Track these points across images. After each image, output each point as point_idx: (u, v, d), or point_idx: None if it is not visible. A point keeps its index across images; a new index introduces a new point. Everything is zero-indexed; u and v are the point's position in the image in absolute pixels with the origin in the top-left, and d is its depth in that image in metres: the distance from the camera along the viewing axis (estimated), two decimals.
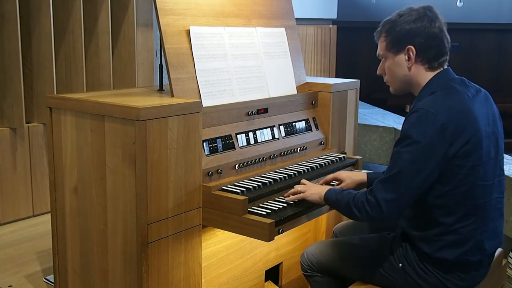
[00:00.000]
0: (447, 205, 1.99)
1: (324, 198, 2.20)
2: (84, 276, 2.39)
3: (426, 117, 1.93)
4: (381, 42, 2.17)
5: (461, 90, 2.03)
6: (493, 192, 2.05)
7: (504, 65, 9.93)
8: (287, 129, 2.78)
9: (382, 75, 2.23)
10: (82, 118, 2.26)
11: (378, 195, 1.97)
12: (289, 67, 2.96)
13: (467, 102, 1.99)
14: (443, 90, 2.02)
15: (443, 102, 1.97)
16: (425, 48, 2.06)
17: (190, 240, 2.30)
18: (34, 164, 3.90)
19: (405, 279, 2.11)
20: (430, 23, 2.05)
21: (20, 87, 3.67)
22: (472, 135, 1.95)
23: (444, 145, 1.92)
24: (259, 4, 2.89)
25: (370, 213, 1.99)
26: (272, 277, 2.87)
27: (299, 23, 3.36)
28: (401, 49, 2.09)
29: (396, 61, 2.12)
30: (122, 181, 2.15)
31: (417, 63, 2.08)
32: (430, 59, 2.07)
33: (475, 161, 1.96)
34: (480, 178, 1.99)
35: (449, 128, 1.91)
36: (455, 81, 2.08)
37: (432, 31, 2.05)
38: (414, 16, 2.07)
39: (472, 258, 2.03)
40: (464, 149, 1.93)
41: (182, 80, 2.40)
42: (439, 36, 2.06)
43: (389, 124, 5.50)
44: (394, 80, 2.17)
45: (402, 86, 2.17)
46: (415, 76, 2.10)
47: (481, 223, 2.02)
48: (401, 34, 2.08)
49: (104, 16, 4.20)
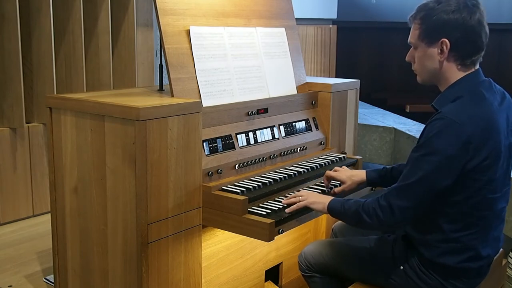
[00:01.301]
0: (453, 213, 1.95)
1: (328, 208, 2.12)
2: (84, 276, 2.39)
3: (452, 128, 1.84)
4: (413, 29, 2.02)
5: (488, 97, 1.93)
6: (499, 203, 2.00)
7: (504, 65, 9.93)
8: (287, 129, 2.78)
9: (410, 62, 2.10)
10: (82, 118, 2.26)
11: (392, 202, 1.92)
12: (289, 67, 2.96)
13: (494, 114, 1.91)
14: (470, 96, 1.92)
15: (470, 112, 1.87)
16: (461, 43, 1.93)
17: (190, 240, 2.30)
18: (34, 164, 3.90)
19: (406, 281, 2.10)
20: (470, 15, 1.90)
21: (20, 87, 3.67)
22: (492, 150, 1.88)
23: (465, 158, 1.85)
24: (259, 4, 2.89)
25: (381, 218, 1.94)
26: (272, 277, 2.87)
27: (299, 23, 3.36)
28: (435, 41, 1.95)
29: (428, 53, 1.99)
30: (122, 181, 2.15)
31: (450, 58, 1.96)
32: (463, 55, 1.95)
33: (490, 175, 1.91)
34: (490, 192, 1.94)
35: (473, 142, 1.84)
36: (483, 85, 1.97)
37: (470, 25, 1.91)
38: (454, 5, 1.92)
39: (472, 265, 2.01)
40: (483, 164, 1.87)
41: (182, 80, 2.40)
42: (477, 30, 1.92)
43: (389, 124, 5.50)
44: (422, 71, 2.05)
45: (430, 78, 2.05)
46: (445, 72, 1.99)
47: (482, 232, 1.99)
48: (437, 24, 1.93)
49: (104, 16, 4.19)
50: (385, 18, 8.04)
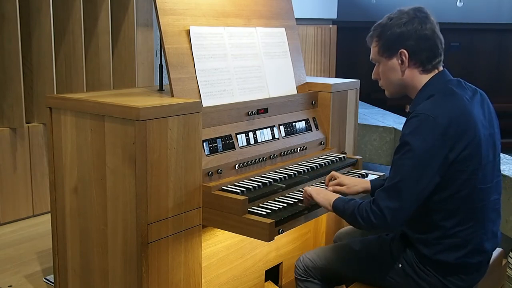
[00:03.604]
0: (447, 209, 1.98)
1: (333, 206, 2.16)
2: (84, 276, 2.39)
3: (427, 122, 1.90)
4: (373, 47, 2.14)
5: (459, 92, 2.01)
6: (491, 194, 2.04)
7: (504, 65, 9.93)
8: (287, 129, 2.78)
9: (377, 80, 2.20)
10: (82, 118, 2.26)
11: (381, 204, 1.94)
12: (289, 67, 2.96)
13: (467, 106, 1.97)
14: (441, 93, 2.00)
15: (443, 106, 1.95)
16: (418, 50, 2.03)
17: (190, 240, 2.30)
18: (34, 164, 3.90)
19: (405, 280, 2.10)
20: (421, 25, 2.02)
21: (20, 87, 3.67)
22: (472, 139, 1.93)
23: (444, 149, 1.90)
24: (259, 4, 2.89)
25: (374, 222, 1.96)
26: (272, 277, 2.87)
27: (299, 23, 3.36)
28: (394, 53, 2.06)
29: (389, 65, 2.09)
30: (122, 181, 2.15)
31: (411, 66, 2.06)
32: (423, 61, 2.04)
33: (475, 165, 1.95)
34: (480, 182, 1.97)
35: (450, 133, 1.89)
36: (452, 83, 2.06)
37: (423, 33, 2.02)
38: (405, 18, 2.03)
39: (472, 260, 2.02)
40: (464, 153, 1.91)
41: (182, 80, 2.40)
42: (431, 37, 2.03)
43: (389, 124, 5.50)
44: (389, 85, 2.15)
45: (397, 90, 2.15)
46: (410, 79, 2.08)
47: (480, 225, 2.01)
48: (392, 38, 2.05)
49: (104, 16, 4.20)
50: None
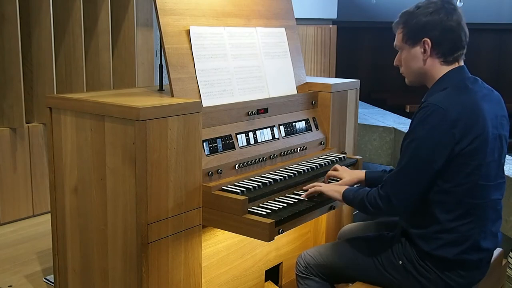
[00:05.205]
0: (447, 202, 2.01)
1: (343, 196, 2.24)
2: (84, 276, 2.39)
3: (437, 113, 1.95)
4: (398, 33, 2.17)
5: (473, 88, 2.05)
6: (492, 193, 2.05)
7: (504, 65, 9.92)
8: (287, 129, 2.78)
9: (398, 66, 2.24)
10: (82, 118, 2.26)
11: (389, 190, 2.03)
12: (289, 67, 2.96)
13: (478, 100, 2.01)
14: (455, 87, 2.04)
15: (455, 99, 1.99)
16: (441, 41, 2.06)
17: (190, 240, 2.30)
18: (34, 164, 3.89)
19: (406, 277, 2.11)
20: (447, 16, 2.05)
21: (20, 87, 3.67)
22: (480, 134, 1.96)
23: (452, 141, 1.94)
24: (259, 4, 2.89)
25: (381, 206, 2.05)
26: (272, 277, 2.87)
27: (299, 23, 3.36)
28: (417, 41, 2.10)
29: (412, 53, 2.13)
30: (122, 181, 2.15)
31: (433, 56, 2.09)
32: (445, 52, 2.08)
33: (479, 160, 1.98)
34: (482, 178, 2.00)
35: (459, 125, 1.94)
36: (468, 79, 2.10)
37: (448, 24, 2.05)
38: (432, 8, 2.07)
39: (470, 257, 2.04)
40: (470, 147, 1.95)
41: (182, 80, 2.40)
42: (456, 29, 2.06)
43: (389, 124, 5.49)
44: (409, 72, 2.19)
45: (417, 78, 2.18)
46: (430, 69, 2.11)
47: (479, 223, 2.03)
48: (418, 26, 2.08)
49: (104, 16, 4.19)
50: (385, 18, 8.02)
